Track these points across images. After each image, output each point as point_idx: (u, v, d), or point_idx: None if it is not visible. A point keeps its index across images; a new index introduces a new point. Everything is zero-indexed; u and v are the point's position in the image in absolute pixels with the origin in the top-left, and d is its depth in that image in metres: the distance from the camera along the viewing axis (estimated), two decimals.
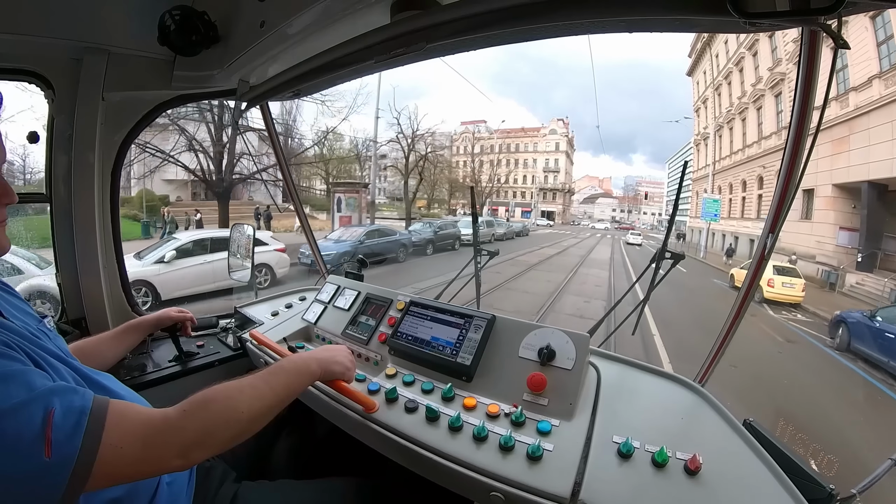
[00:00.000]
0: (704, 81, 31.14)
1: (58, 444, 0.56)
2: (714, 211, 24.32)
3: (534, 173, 58.18)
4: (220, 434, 0.73)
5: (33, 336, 0.75)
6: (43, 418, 0.57)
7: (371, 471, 1.25)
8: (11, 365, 0.61)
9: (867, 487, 0.87)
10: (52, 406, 0.58)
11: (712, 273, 16.59)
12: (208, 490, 0.99)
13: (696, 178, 33.18)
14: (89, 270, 1.63)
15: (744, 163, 23.83)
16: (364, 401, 1.08)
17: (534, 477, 0.86)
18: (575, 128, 68.81)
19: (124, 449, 0.62)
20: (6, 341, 0.65)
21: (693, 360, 1.17)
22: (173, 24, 1.37)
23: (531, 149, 58.48)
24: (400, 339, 1.33)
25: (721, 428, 0.99)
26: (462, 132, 42.44)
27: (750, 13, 0.71)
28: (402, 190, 33.35)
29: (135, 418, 0.66)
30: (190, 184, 22.82)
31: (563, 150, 57.70)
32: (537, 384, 1.06)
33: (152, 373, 1.52)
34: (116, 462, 0.61)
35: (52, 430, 0.57)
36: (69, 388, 0.64)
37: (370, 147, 24.57)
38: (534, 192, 57.15)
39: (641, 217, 74.93)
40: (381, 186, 50.79)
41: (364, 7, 1.07)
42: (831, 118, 14.50)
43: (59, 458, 0.56)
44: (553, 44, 20.81)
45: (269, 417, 0.82)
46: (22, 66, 1.44)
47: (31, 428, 0.56)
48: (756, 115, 22.82)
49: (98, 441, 0.59)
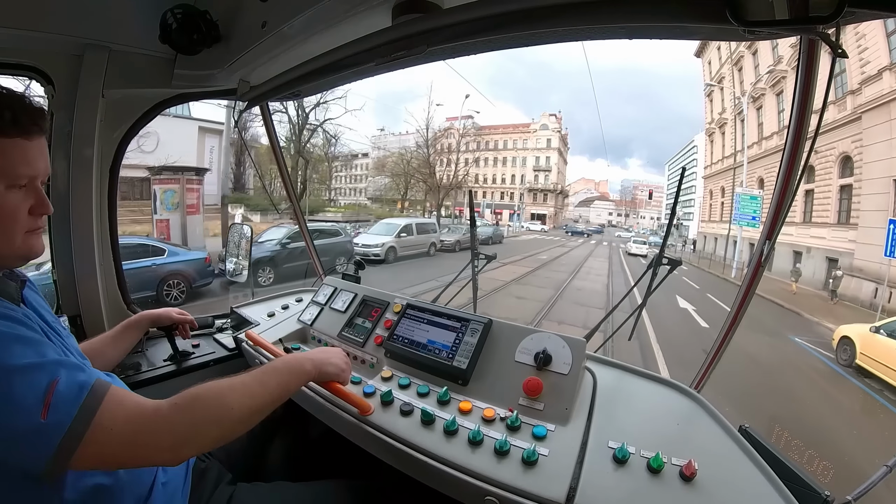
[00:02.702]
0: (719, 59, 25.56)
1: (55, 409, 0.60)
2: (752, 212, 17.53)
3: (523, 172, 52.76)
4: (210, 431, 0.73)
5: (58, 328, 0.81)
6: (47, 384, 0.62)
7: (366, 473, 1.25)
8: (30, 333, 0.67)
9: (862, 494, 0.87)
10: (57, 375, 0.63)
11: (776, 314, 10.60)
12: (203, 491, 0.99)
13: (710, 174, 28.25)
14: (85, 268, 1.62)
15: (774, 152, 17.96)
16: (359, 403, 1.08)
17: (529, 481, 0.85)
18: (571, 132, 64.98)
19: (114, 432, 0.64)
20: (27, 315, 0.70)
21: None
22: (175, 22, 1.38)
23: (521, 146, 53.08)
24: (396, 341, 1.32)
25: (717, 434, 0.99)
26: (447, 128, 39.06)
27: (749, 21, 0.72)
28: (385, 191, 32.32)
29: (129, 405, 0.68)
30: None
31: (556, 147, 52.34)
32: (533, 389, 1.06)
33: (147, 372, 1.51)
34: (105, 443, 0.63)
35: (52, 396, 0.61)
36: (77, 365, 0.68)
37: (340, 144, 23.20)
38: (523, 193, 52.13)
39: (640, 221, 74.70)
40: (359, 187, 47.56)
41: (366, 9, 1.07)
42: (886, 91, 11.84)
43: (52, 423, 0.60)
44: (549, 47, 20.45)
45: (262, 416, 0.82)
46: (22, 61, 1.43)
47: (35, 390, 0.61)
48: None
49: (92, 416, 0.63)
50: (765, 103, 20.64)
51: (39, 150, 0.75)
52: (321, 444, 1.53)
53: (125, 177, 11.20)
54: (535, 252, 21.07)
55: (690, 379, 1.27)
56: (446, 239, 18.70)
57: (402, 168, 31.86)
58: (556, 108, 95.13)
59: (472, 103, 50.27)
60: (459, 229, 21.64)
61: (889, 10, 0.74)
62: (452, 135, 39.46)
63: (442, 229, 21.04)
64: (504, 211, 49.10)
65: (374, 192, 40.12)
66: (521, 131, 54.03)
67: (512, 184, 53.00)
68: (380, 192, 38.48)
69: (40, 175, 0.76)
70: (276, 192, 21.08)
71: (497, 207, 49.51)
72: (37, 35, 1.35)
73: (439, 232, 17.09)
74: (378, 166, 30.82)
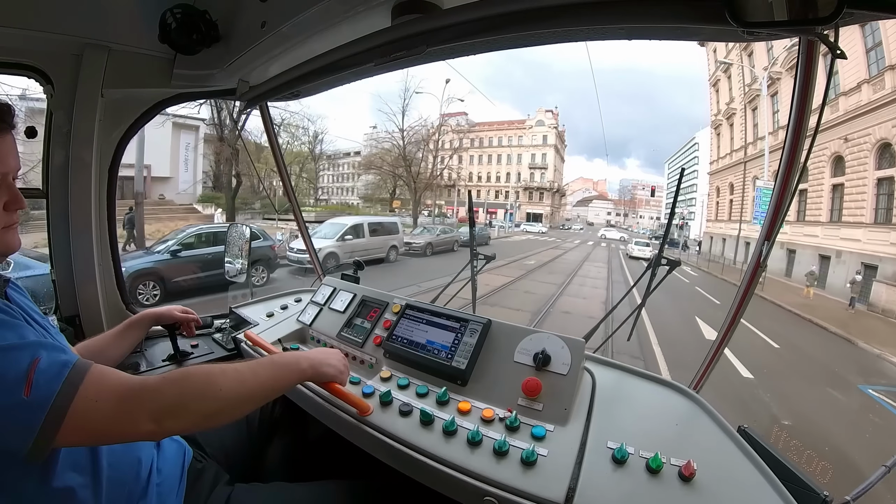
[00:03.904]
0: (726, 45, 22.95)
1: (37, 386, 0.61)
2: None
3: (518, 170, 51.11)
4: (196, 405, 0.73)
5: (45, 329, 0.79)
6: (28, 363, 0.62)
7: (365, 474, 1.25)
8: (10, 319, 0.67)
9: (861, 494, 0.87)
10: (38, 355, 0.64)
11: (823, 343, 8.38)
12: (200, 492, 0.98)
13: (716, 170, 26.02)
14: (84, 268, 1.62)
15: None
16: (358, 403, 1.08)
17: (528, 482, 0.85)
18: (568, 133, 63.17)
19: (99, 403, 0.65)
20: (8, 306, 0.70)
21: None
22: (174, 22, 1.38)
23: (516, 143, 51.30)
24: (395, 342, 1.32)
25: (715, 434, 0.99)
26: (439, 125, 36.78)
27: (748, 22, 0.72)
28: (373, 189, 30.28)
29: (114, 378, 0.69)
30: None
31: (552, 144, 50.51)
32: (532, 389, 1.06)
33: (145, 372, 1.50)
34: (89, 415, 0.64)
35: (34, 373, 0.62)
36: (58, 346, 0.69)
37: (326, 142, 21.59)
38: (519, 192, 50.54)
39: (639, 221, 74.44)
40: (346, 186, 46.23)
41: (365, 10, 1.07)
42: None
43: (36, 399, 0.61)
44: (547, 47, 20.41)
45: (251, 405, 0.83)
46: (21, 60, 1.43)
47: (17, 369, 0.61)
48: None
49: (75, 390, 0.63)
50: (780, 88, 18.85)
51: (8, 147, 0.76)
52: (320, 445, 1.52)
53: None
54: (523, 256, 18.11)
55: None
56: (415, 241, 16.22)
57: (384, 164, 29.70)
58: (552, 105, 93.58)
59: (454, 90, 45.98)
60: (433, 230, 19.51)
61: (887, 11, 0.74)
62: (446, 131, 37.52)
63: (418, 229, 19.46)
64: (499, 210, 47.46)
65: (365, 190, 38.28)
66: (515, 128, 52.26)
67: (507, 182, 51.22)
68: (369, 190, 36.66)
69: (11, 171, 0.77)
70: (262, 192, 19.94)
71: (490, 207, 47.69)
72: (36, 34, 1.35)
73: (402, 233, 14.60)
74: (366, 164, 29.62)
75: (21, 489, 0.67)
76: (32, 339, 0.67)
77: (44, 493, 0.69)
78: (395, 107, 32.48)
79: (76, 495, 0.72)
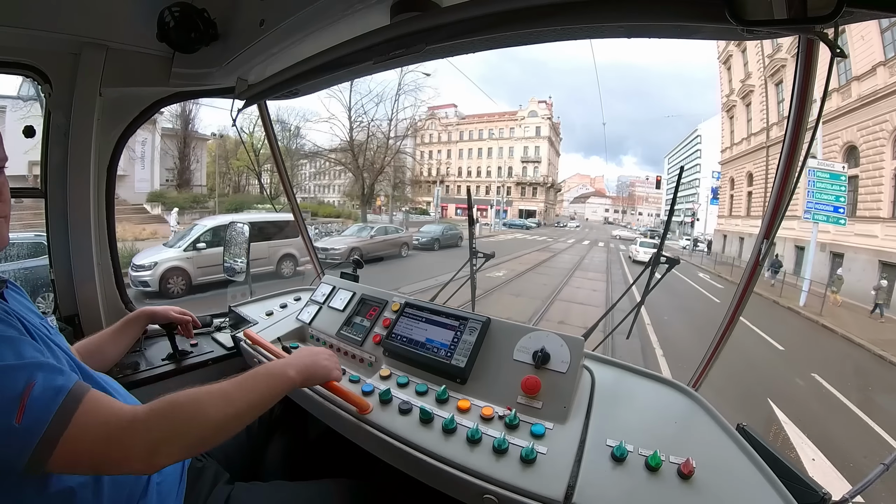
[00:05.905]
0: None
1: (30, 413, 0.59)
2: (835, 198, 11.52)
3: (510, 164, 47.86)
4: (187, 437, 0.72)
5: (43, 329, 0.79)
6: (23, 387, 0.60)
7: (364, 472, 1.25)
8: (8, 330, 0.66)
9: (859, 492, 0.88)
10: (34, 379, 0.62)
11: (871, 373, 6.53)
12: (200, 491, 0.99)
13: (730, 158, 22.51)
14: (83, 267, 1.62)
15: (859, 106, 12.04)
16: (358, 402, 1.08)
17: (527, 480, 0.86)
18: (565, 130, 59.62)
19: (89, 437, 0.63)
20: (5, 311, 0.69)
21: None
22: (173, 20, 1.37)
23: (507, 135, 48.06)
24: (395, 340, 1.32)
25: (714, 432, 0.99)
26: (428, 118, 34.85)
27: (748, 21, 0.72)
28: (355, 188, 26.92)
29: (107, 409, 0.67)
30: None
31: (546, 136, 47.09)
32: (531, 387, 1.06)
33: (145, 371, 1.50)
34: (80, 447, 0.63)
35: (28, 399, 0.60)
36: (56, 368, 0.66)
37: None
38: (510, 187, 47.45)
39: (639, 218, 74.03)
40: (323, 183, 42.65)
41: (364, 7, 1.06)
42: None
43: (27, 426, 0.59)
44: (543, 45, 19.48)
45: (241, 424, 0.81)
46: (19, 59, 1.43)
47: (10, 392, 0.59)
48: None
49: (68, 421, 0.62)
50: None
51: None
52: (319, 443, 1.53)
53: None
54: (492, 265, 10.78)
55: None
56: (333, 247, 12.37)
57: (348, 160, 26.34)
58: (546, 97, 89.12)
59: (430, 80, 37.33)
60: (368, 228, 15.54)
61: (887, 10, 0.74)
62: (433, 124, 34.86)
63: (352, 228, 16.12)
64: (489, 208, 42.69)
65: (349, 189, 34.45)
66: (507, 119, 48.86)
67: (499, 177, 47.93)
68: (347, 187, 33.49)
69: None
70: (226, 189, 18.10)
71: (479, 204, 43.55)
72: (34, 33, 1.35)
73: (308, 235, 9.68)
74: (344, 161, 27.79)
75: (21, 490, 0.67)
76: (29, 356, 0.65)
77: (44, 494, 0.69)
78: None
79: (76, 495, 0.71)
